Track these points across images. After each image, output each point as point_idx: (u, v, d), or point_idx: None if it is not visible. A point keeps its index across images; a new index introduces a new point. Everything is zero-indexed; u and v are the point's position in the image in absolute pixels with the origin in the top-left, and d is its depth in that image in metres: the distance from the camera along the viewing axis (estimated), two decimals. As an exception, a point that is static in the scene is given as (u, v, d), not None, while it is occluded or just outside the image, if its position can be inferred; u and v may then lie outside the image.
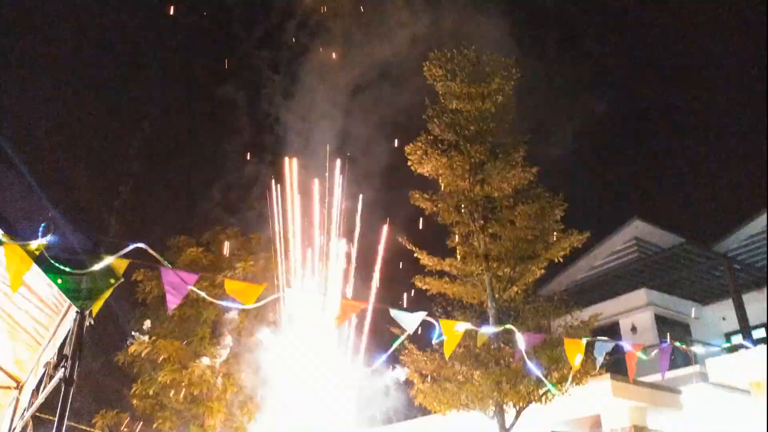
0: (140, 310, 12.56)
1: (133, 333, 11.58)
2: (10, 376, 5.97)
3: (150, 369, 11.84)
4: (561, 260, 7.94)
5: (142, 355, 11.61)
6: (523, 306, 7.68)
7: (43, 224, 3.33)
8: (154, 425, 11.76)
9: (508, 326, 5.32)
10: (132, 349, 11.64)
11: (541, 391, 7.10)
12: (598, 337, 5.49)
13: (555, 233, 7.76)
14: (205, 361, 11.57)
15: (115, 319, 13.03)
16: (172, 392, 11.65)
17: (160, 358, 11.63)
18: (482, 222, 7.98)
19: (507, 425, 7.45)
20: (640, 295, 16.72)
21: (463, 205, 8.01)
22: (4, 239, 3.28)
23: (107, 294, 3.52)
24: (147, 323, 11.60)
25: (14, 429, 5.62)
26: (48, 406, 3.52)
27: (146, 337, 11.75)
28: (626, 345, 5.80)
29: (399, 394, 10.33)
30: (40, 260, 3.29)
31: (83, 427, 8.67)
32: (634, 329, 16.36)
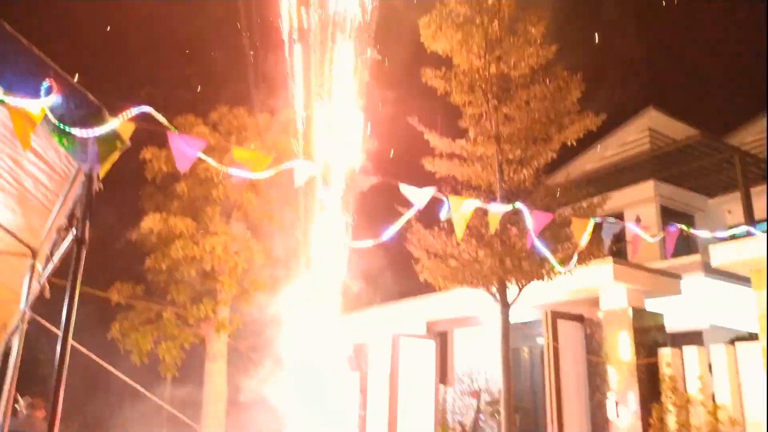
0: (151, 189, 12.68)
1: None
2: (24, 244, 6.09)
3: (162, 245, 12.14)
4: (574, 144, 7.79)
5: (155, 231, 11.84)
6: (533, 188, 7.65)
7: (45, 84, 3.22)
8: (168, 298, 12.23)
9: (518, 205, 5.31)
10: (144, 225, 11.85)
11: (544, 270, 7.25)
12: (607, 217, 5.49)
13: (570, 115, 7.56)
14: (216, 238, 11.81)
15: (126, 197, 13.19)
16: (185, 268, 12.01)
17: (172, 235, 11.89)
18: (496, 102, 7.76)
19: (509, 301, 7.69)
20: (648, 187, 16.72)
21: (476, 84, 7.75)
22: (6, 99, 3.18)
23: (114, 157, 3.47)
24: None
25: (32, 295, 5.82)
26: (64, 274, 3.57)
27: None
28: (634, 227, 5.83)
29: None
30: (44, 121, 3.21)
31: (99, 293, 9.00)
32: (638, 220, 16.49)
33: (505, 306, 7.66)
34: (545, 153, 7.67)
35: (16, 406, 8.47)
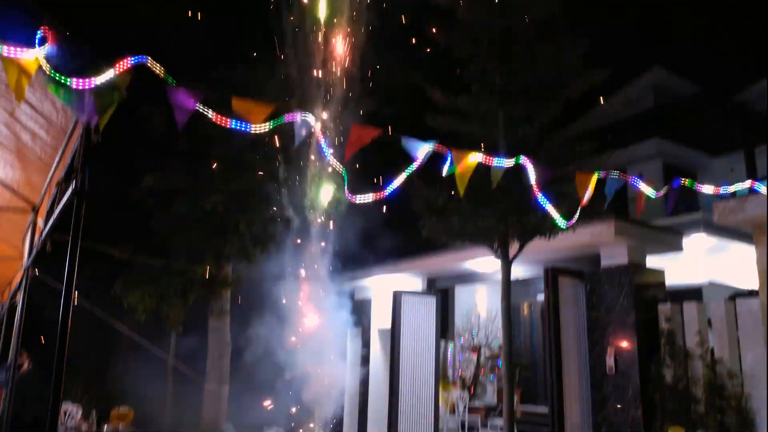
0: (151, 145, 12.59)
1: None
2: (25, 199, 6.09)
3: (163, 203, 12.14)
4: (578, 100, 7.69)
5: (155, 188, 11.82)
6: (536, 145, 7.58)
7: (39, 33, 3.14)
8: (171, 256, 12.29)
9: (520, 160, 5.27)
10: (145, 183, 11.83)
11: (545, 226, 7.24)
12: (611, 171, 5.45)
13: (575, 70, 7.43)
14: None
15: (126, 155, 13.11)
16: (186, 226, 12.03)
17: (173, 193, 11.88)
18: (499, 57, 7.62)
19: (510, 256, 7.71)
20: (651, 145, 16.62)
21: (480, 38, 7.59)
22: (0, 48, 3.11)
23: (112, 109, 3.41)
24: None
25: (35, 250, 5.83)
26: (67, 230, 3.54)
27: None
28: (638, 182, 5.80)
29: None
30: (40, 72, 3.15)
31: (101, 249, 9.05)
32: (641, 177, 16.42)
33: (507, 261, 7.69)
34: (549, 109, 7.57)
35: None
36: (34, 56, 3.19)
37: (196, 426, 12.86)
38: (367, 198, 4.83)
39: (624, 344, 9.09)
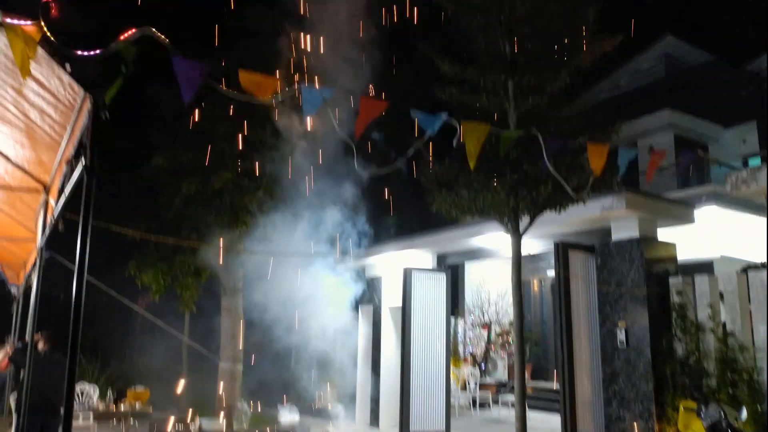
0: (159, 124, 12.60)
1: None
2: (36, 179, 6.10)
3: (174, 182, 12.17)
4: (589, 68, 7.56)
5: (164, 167, 11.85)
6: (546, 115, 7.48)
7: (43, 1, 3.11)
8: (182, 234, 12.35)
9: (532, 131, 5.20)
10: (155, 160, 11.85)
11: (556, 198, 7.18)
12: (622, 145, 5.38)
13: (586, 37, 7.29)
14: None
15: (135, 135, 13.13)
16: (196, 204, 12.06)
17: (182, 172, 11.90)
18: (509, 26, 7.50)
19: (521, 230, 7.67)
20: (663, 116, 16.41)
21: (489, 5, 7.46)
22: (3, 19, 3.08)
23: (119, 82, 3.39)
24: None
25: (47, 230, 5.86)
26: (79, 208, 3.53)
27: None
28: (654, 149, 5.72)
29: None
30: (44, 42, 3.12)
31: (115, 228, 9.09)
32: (651, 149, 16.27)
33: (517, 235, 7.65)
34: (559, 78, 7.45)
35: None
36: (38, 27, 3.16)
37: (211, 405, 13.04)
38: (378, 171, 4.81)
39: (635, 318, 9.07)
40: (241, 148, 12.14)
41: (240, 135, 11.96)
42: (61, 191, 4.95)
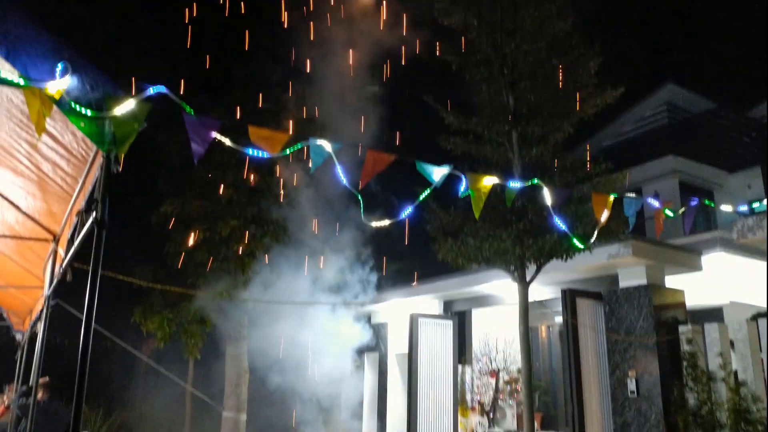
0: (168, 172, 12.76)
1: None
2: (46, 229, 6.18)
3: (182, 229, 12.24)
4: (591, 119, 7.68)
5: (172, 215, 11.94)
6: (550, 164, 7.56)
7: (61, 64, 3.22)
8: (188, 281, 12.36)
9: (536, 181, 5.25)
10: (163, 208, 11.95)
11: (562, 247, 7.19)
12: (627, 194, 5.42)
13: (588, 88, 7.44)
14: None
15: (145, 183, 13.30)
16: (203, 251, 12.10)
17: (190, 219, 11.98)
18: (512, 78, 7.66)
19: (527, 279, 7.65)
20: (667, 162, 16.51)
21: (492, 59, 7.65)
22: (22, 81, 3.19)
23: (131, 138, 3.47)
24: None
25: (55, 279, 5.89)
26: (86, 258, 3.58)
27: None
28: (655, 202, 5.75)
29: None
30: (60, 103, 3.21)
31: (122, 277, 9.12)
32: (657, 196, 16.32)
33: (524, 284, 7.63)
34: (563, 128, 7.57)
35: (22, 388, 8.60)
36: (55, 89, 3.26)
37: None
38: (384, 222, 4.84)
39: (645, 367, 8.93)
40: (248, 195, 12.25)
41: (247, 182, 12.09)
42: (70, 242, 5.00)
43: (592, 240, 6.16)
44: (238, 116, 11.88)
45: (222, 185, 12.18)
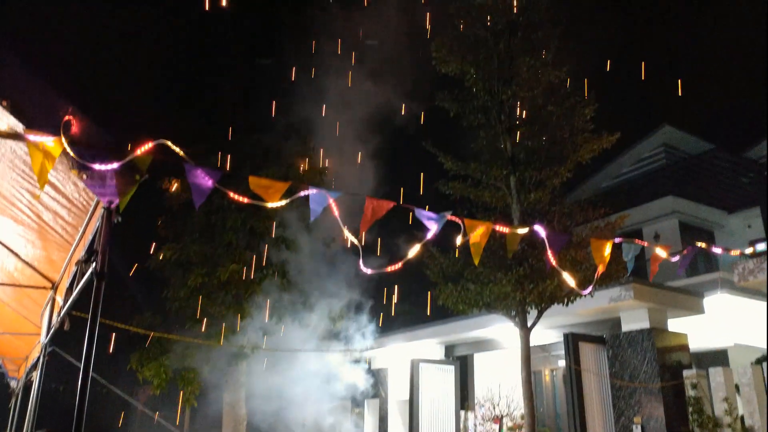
0: (168, 217, 12.78)
1: None
2: (45, 276, 6.15)
3: (180, 273, 12.19)
4: (589, 163, 7.75)
5: (171, 260, 11.90)
6: (548, 209, 7.59)
7: (65, 119, 3.27)
8: (187, 326, 12.24)
9: (535, 227, 5.26)
10: (162, 254, 11.92)
11: (563, 292, 7.15)
12: (625, 239, 5.42)
13: (584, 134, 7.53)
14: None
15: (144, 227, 13.31)
16: (202, 296, 12.03)
17: (189, 263, 11.94)
18: (509, 124, 7.76)
19: (528, 325, 7.59)
20: (666, 203, 16.54)
21: (489, 106, 7.76)
22: (26, 134, 3.24)
23: (133, 190, 3.50)
24: None
25: (53, 327, 5.85)
26: (84, 306, 3.58)
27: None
28: (654, 247, 5.74)
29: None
30: (63, 155, 3.25)
31: (120, 325, 9.04)
32: (657, 237, 16.32)
33: (525, 329, 7.56)
34: (560, 173, 7.63)
35: None
36: (58, 143, 3.31)
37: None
38: (382, 269, 4.83)
39: (651, 413, 8.78)
40: (247, 239, 12.25)
41: (247, 227, 12.11)
42: (69, 290, 4.98)
43: (592, 286, 6.13)
44: (238, 161, 11.99)
45: (223, 229, 12.19)
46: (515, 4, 7.81)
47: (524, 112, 7.64)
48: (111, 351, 11.35)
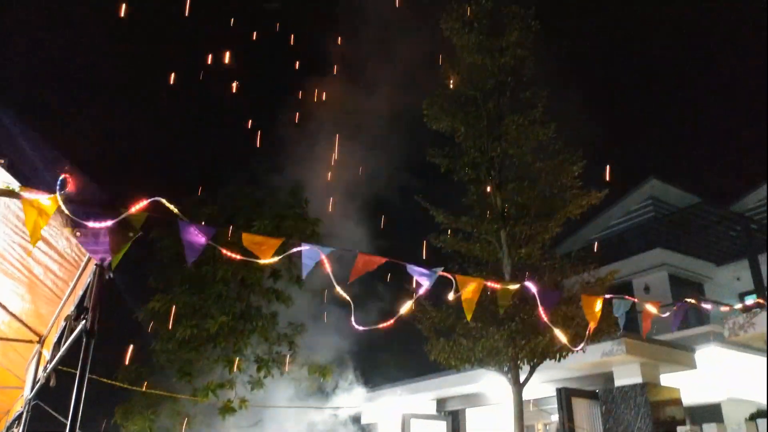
0: (158, 267, 12.70)
1: None
2: (32, 330, 6.07)
3: (169, 325, 12.02)
4: (578, 218, 7.85)
5: (160, 311, 11.76)
6: (539, 263, 7.64)
7: (61, 177, 3.31)
8: (174, 380, 12.00)
9: (526, 284, 5.28)
10: (151, 305, 11.79)
11: (555, 348, 7.12)
12: (616, 295, 5.45)
13: (573, 190, 7.66)
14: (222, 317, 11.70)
15: (134, 277, 13.19)
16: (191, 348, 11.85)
17: (178, 315, 11.80)
18: (499, 180, 7.89)
19: (521, 380, 7.52)
20: (655, 255, 16.66)
21: (479, 162, 7.91)
22: (21, 192, 3.27)
23: (126, 247, 3.52)
24: None
25: (38, 382, 5.74)
26: (70, 360, 3.56)
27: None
28: (644, 304, 5.77)
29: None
30: (57, 212, 3.27)
31: (106, 381, 8.86)
32: (647, 289, 16.37)
33: (518, 385, 7.49)
34: (550, 228, 7.71)
35: None
36: (54, 201, 3.33)
37: None
38: (374, 326, 4.82)
39: (646, 470, 8.63)
40: (237, 290, 12.15)
41: (238, 278, 12.04)
42: (56, 345, 4.91)
43: (584, 342, 6.12)
44: (231, 212, 12.02)
45: (213, 280, 12.09)
46: (503, 65, 8.06)
47: (514, 168, 7.79)
48: (94, 405, 11.07)
